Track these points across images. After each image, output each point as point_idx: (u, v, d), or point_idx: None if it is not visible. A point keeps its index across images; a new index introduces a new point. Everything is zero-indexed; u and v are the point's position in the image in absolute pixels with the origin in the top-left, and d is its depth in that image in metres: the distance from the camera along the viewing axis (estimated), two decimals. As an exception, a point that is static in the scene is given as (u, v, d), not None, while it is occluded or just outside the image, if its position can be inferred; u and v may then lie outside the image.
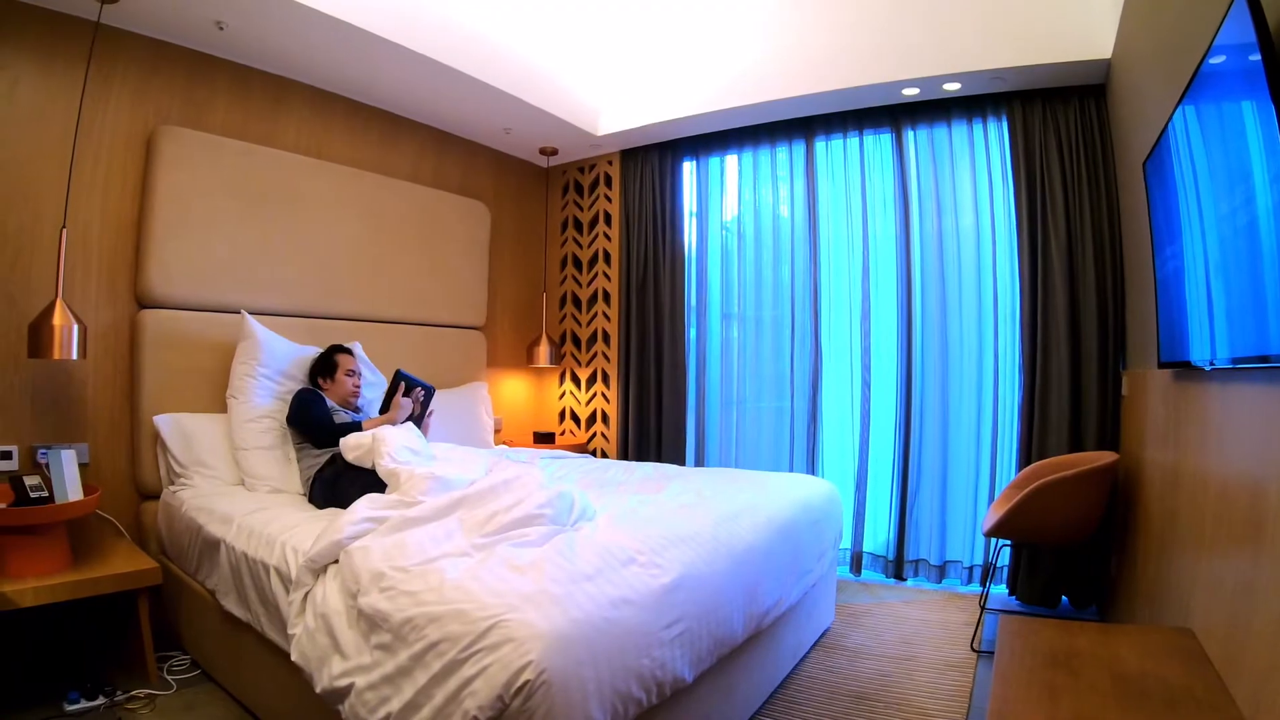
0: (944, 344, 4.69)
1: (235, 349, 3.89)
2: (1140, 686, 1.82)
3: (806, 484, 3.75)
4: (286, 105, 4.42)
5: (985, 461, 4.57)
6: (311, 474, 3.48)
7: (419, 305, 5.09)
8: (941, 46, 4.20)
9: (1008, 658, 2.03)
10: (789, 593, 3.03)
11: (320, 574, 2.41)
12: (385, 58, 4.15)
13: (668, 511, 2.92)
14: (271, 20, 3.70)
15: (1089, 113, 4.18)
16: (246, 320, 3.89)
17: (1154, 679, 1.86)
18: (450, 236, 5.30)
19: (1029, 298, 4.32)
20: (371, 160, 4.91)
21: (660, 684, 2.07)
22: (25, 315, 3.26)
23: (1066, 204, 4.20)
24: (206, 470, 3.66)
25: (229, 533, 2.98)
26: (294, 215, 4.31)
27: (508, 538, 2.41)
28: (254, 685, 2.86)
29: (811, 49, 4.60)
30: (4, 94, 3.33)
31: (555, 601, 1.91)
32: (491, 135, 5.60)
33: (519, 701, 1.71)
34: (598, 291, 6.08)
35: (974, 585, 4.56)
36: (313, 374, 3.92)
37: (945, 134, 4.71)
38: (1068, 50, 3.90)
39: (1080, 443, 4.14)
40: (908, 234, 4.78)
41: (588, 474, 3.97)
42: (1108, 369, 4.08)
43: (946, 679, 3.27)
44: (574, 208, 6.26)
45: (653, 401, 5.74)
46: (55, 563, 3.01)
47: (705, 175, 5.66)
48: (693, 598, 2.28)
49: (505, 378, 6.04)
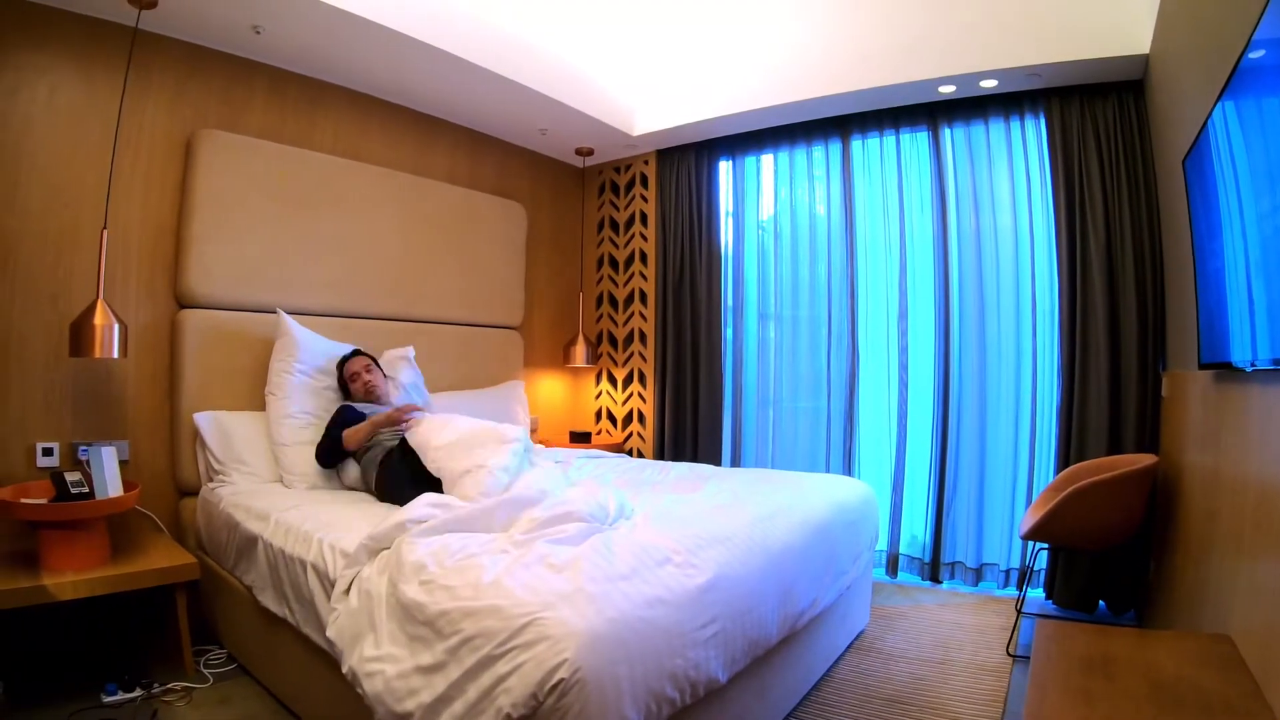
0: (982, 344, 4.64)
1: (273, 348, 3.94)
2: (1176, 693, 1.79)
3: (842, 485, 3.73)
4: (323, 107, 4.47)
5: (1023, 463, 4.52)
6: (375, 465, 3.55)
7: (456, 305, 5.13)
8: (977, 43, 4.16)
9: (1044, 663, 2.01)
10: (824, 594, 3.01)
11: (373, 556, 2.42)
12: (421, 60, 4.18)
13: (703, 512, 2.92)
14: (307, 24, 3.74)
15: (1127, 109, 4.12)
16: (283, 318, 3.94)
17: (1190, 685, 1.83)
18: (487, 237, 5.33)
19: (1068, 297, 4.27)
20: (408, 161, 4.95)
21: (694, 684, 2.07)
22: (67, 315, 3.32)
23: (1105, 202, 4.15)
24: (245, 467, 3.71)
25: (266, 529, 3.02)
26: (331, 216, 4.36)
27: (545, 534, 2.41)
28: (289, 679, 2.90)
29: (847, 47, 4.58)
30: (44, 99, 3.40)
31: (591, 600, 1.91)
32: (527, 136, 5.62)
33: (553, 699, 1.71)
34: (634, 291, 6.09)
35: (1010, 589, 4.51)
36: (343, 383, 4.02)
37: (982, 132, 4.66)
38: (1105, 46, 3.86)
39: (1119, 445, 4.08)
40: (945, 233, 4.74)
41: (624, 474, 3.98)
42: (1147, 370, 4.02)
43: (982, 683, 3.24)
44: (610, 208, 6.27)
45: (689, 401, 5.74)
46: (95, 557, 3.06)
47: (741, 175, 5.65)
48: (728, 598, 2.28)
49: (542, 377, 6.07)
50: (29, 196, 3.36)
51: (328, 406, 3.93)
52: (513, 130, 5.50)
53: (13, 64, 3.30)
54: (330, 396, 3.98)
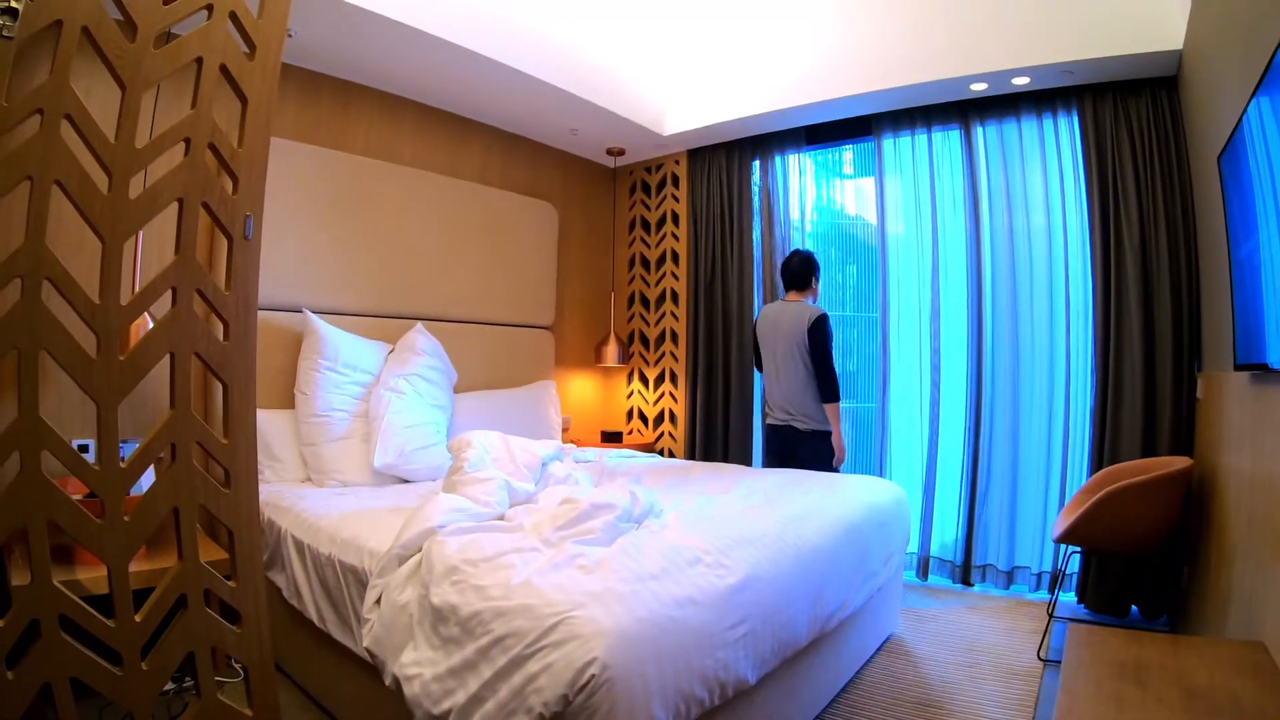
0: (1015, 344, 4.59)
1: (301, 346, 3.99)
2: (1210, 701, 1.77)
3: (874, 486, 3.71)
4: (355, 110, 4.51)
5: (1056, 466, 4.47)
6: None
7: (488, 305, 5.16)
8: (1009, 40, 4.12)
9: (1075, 668, 1.99)
10: (854, 596, 2.99)
11: (402, 564, 2.43)
12: (452, 61, 4.21)
13: (734, 512, 2.92)
14: (339, 27, 3.78)
15: (1161, 105, 4.07)
16: (308, 317, 3.98)
17: (1224, 693, 1.81)
18: (518, 237, 5.36)
19: (1101, 297, 4.22)
20: (440, 162, 4.98)
21: (723, 685, 2.07)
22: (105, 315, 3.35)
23: (1140, 200, 4.10)
24: (277, 465, 3.77)
25: (296, 527, 3.06)
26: (364, 217, 4.40)
27: (575, 533, 2.43)
28: (319, 674, 2.94)
29: (878, 45, 4.56)
30: (81, 102, 3.44)
31: (621, 600, 1.92)
32: (558, 136, 5.64)
33: (582, 698, 1.72)
34: (666, 291, 6.09)
35: (1042, 592, 4.46)
36: None
37: (1015, 130, 4.61)
38: (1138, 41, 3.81)
39: (1153, 447, 4.03)
40: (978, 232, 4.69)
41: (655, 473, 3.98)
42: (1182, 371, 3.97)
43: (1012, 688, 3.21)
44: (641, 208, 6.29)
45: (720, 401, 5.74)
46: (130, 552, 3.09)
47: (772, 174, 5.61)
48: (757, 599, 2.28)
49: (573, 377, 6.09)
50: (62, 197, 3.36)
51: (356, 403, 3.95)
52: (544, 131, 5.52)
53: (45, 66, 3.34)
54: (357, 392, 3.99)
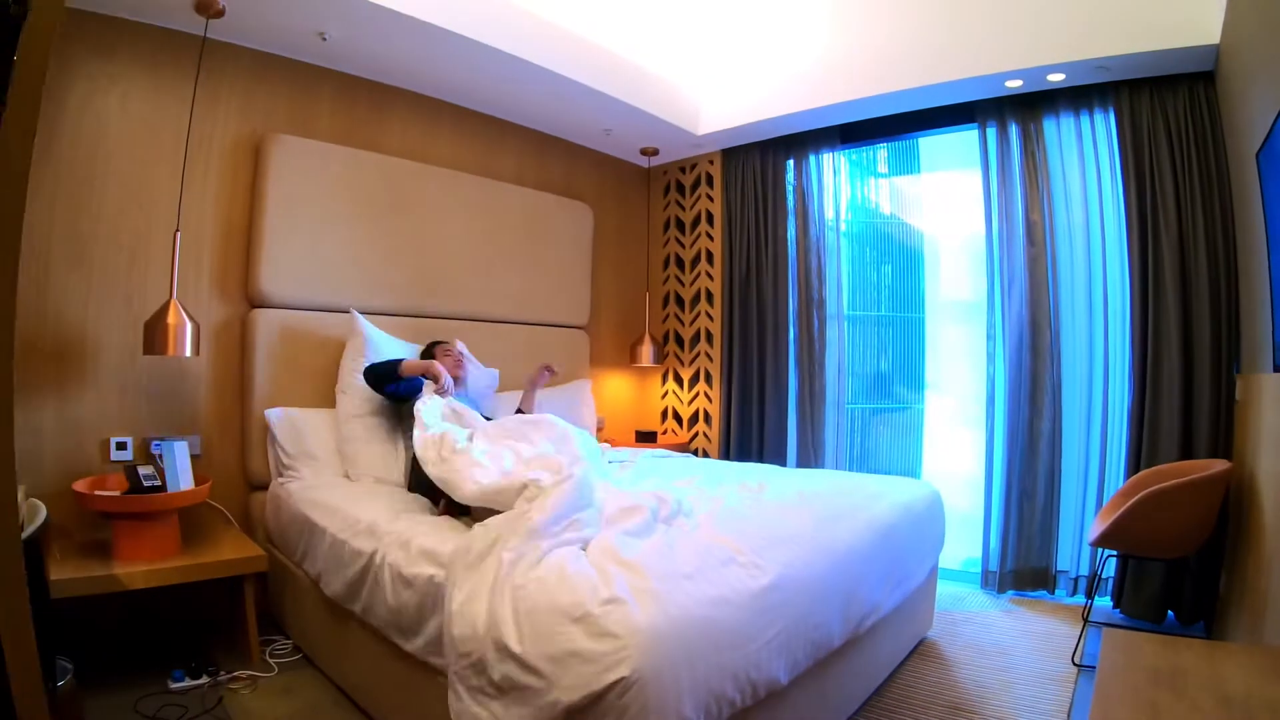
0: (1054, 345, 4.51)
1: (342, 347, 4.04)
2: (1246, 709, 1.73)
3: (909, 487, 3.68)
4: (390, 111, 4.54)
5: (1093, 468, 4.39)
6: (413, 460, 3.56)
7: (523, 305, 5.18)
8: (1044, 36, 4.07)
9: (1110, 673, 1.96)
10: (888, 598, 2.97)
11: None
12: (486, 63, 4.23)
13: (768, 512, 2.91)
14: (373, 30, 3.81)
15: (1198, 101, 4.00)
16: (356, 318, 4.03)
17: (1260, 701, 1.77)
18: (554, 237, 5.38)
19: (1139, 296, 4.15)
20: (475, 163, 5.01)
21: (755, 685, 2.06)
22: (141, 315, 3.43)
23: (1178, 198, 4.03)
24: (314, 462, 3.80)
25: (334, 523, 3.07)
26: (400, 218, 4.44)
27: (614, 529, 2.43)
28: (353, 670, 2.94)
29: (912, 43, 4.52)
30: (117, 107, 3.51)
31: (654, 598, 1.92)
32: (592, 137, 5.65)
33: (613, 695, 1.73)
34: (700, 291, 6.08)
35: (1078, 596, 4.40)
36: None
37: (1051, 126, 4.53)
38: (1174, 36, 3.75)
39: (1191, 450, 3.96)
40: (1013, 230, 4.63)
41: (689, 473, 3.95)
42: (1221, 372, 3.90)
43: (1046, 693, 3.17)
44: (676, 208, 6.28)
45: (755, 401, 5.71)
46: (166, 548, 3.15)
47: (807, 173, 5.56)
48: (791, 600, 2.26)
49: (608, 377, 6.10)
50: (103, 201, 3.47)
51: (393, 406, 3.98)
52: (578, 131, 5.54)
53: (84, 74, 3.41)
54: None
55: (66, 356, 3.37)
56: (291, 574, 3.42)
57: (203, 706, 2.88)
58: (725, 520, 2.72)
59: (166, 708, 2.85)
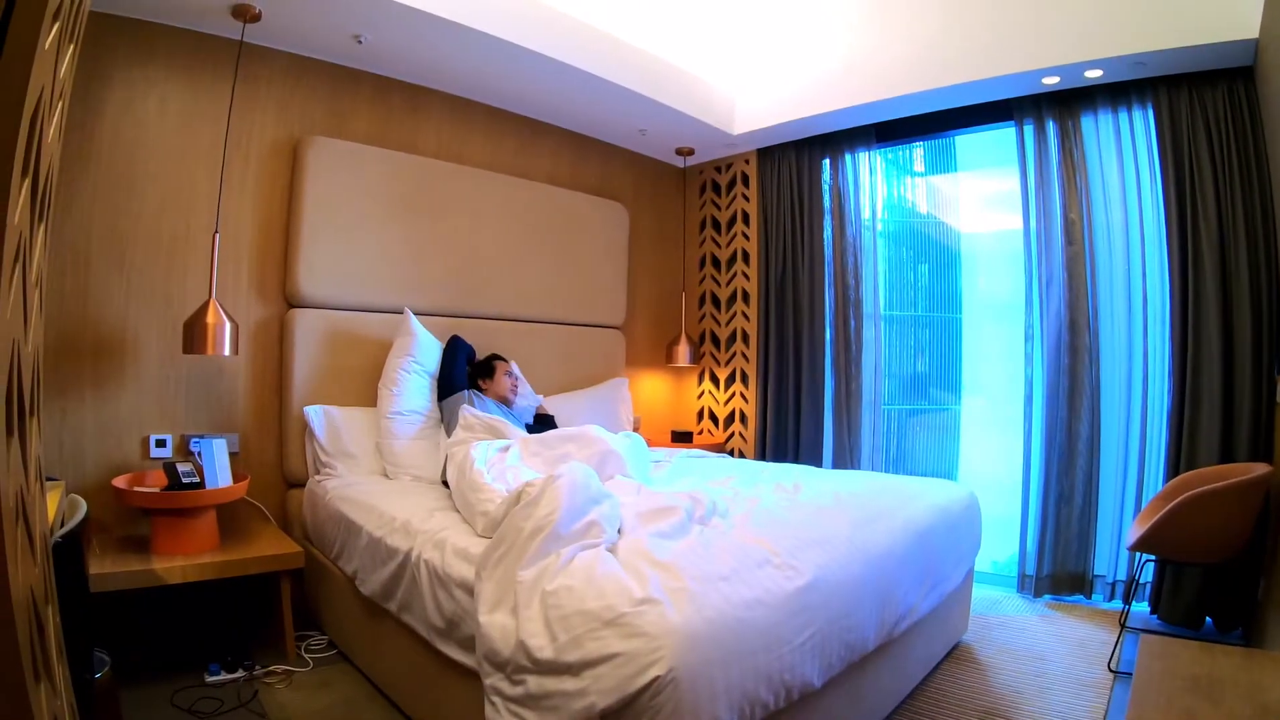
0: (1094, 346, 4.44)
1: (380, 346, 4.11)
2: (1283, 718, 1.71)
3: (946, 490, 3.64)
4: (425, 113, 4.58)
5: (1132, 472, 4.32)
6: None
7: (559, 305, 5.19)
8: (1081, 32, 4.02)
9: (1146, 680, 1.93)
10: (923, 601, 2.94)
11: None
12: (521, 63, 4.24)
13: (804, 513, 2.89)
14: (407, 32, 3.84)
15: (1238, 96, 3.93)
16: (409, 318, 4.08)
17: (1297, 710, 1.74)
18: (589, 237, 5.39)
19: (1179, 296, 4.07)
20: (510, 164, 5.03)
21: (788, 688, 2.04)
22: (181, 314, 3.49)
23: (1218, 195, 3.95)
24: (351, 460, 3.84)
25: (370, 520, 3.10)
26: (435, 218, 4.47)
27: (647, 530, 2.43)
28: (388, 666, 2.97)
29: (947, 40, 4.47)
30: (155, 110, 3.57)
31: (690, 599, 1.91)
32: (628, 137, 5.66)
33: (647, 696, 1.72)
34: (737, 291, 6.06)
35: (1115, 602, 4.33)
36: (473, 376, 4.13)
37: (1090, 123, 4.46)
38: (1212, 31, 3.67)
39: (1231, 453, 3.88)
40: (1051, 229, 4.57)
41: (725, 473, 3.94)
42: (1262, 373, 3.82)
43: (1081, 699, 3.13)
44: (711, 207, 6.27)
45: (791, 402, 5.68)
46: (204, 544, 3.21)
47: (843, 172, 5.51)
48: (825, 602, 2.25)
49: (644, 376, 6.11)
50: (143, 202, 3.53)
51: (430, 405, 4.02)
52: (613, 131, 5.55)
53: (123, 78, 3.47)
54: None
55: (107, 356, 3.43)
56: (327, 570, 3.45)
57: (238, 700, 2.92)
58: (761, 521, 2.72)
59: (202, 700, 2.89)
